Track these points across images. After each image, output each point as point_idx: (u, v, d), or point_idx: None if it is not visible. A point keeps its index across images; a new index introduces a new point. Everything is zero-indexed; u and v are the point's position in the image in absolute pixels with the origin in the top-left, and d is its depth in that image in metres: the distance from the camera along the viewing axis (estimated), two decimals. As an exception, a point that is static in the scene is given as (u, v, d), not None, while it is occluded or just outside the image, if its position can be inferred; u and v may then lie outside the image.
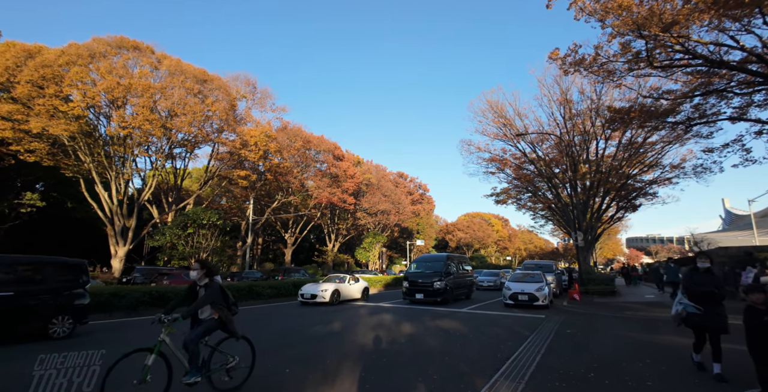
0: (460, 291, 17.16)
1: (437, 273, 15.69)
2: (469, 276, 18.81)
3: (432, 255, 18.21)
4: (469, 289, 18.29)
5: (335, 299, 15.72)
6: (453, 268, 16.77)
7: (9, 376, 5.27)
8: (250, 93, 31.45)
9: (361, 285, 17.87)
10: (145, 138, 23.86)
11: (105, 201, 25.83)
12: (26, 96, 20.83)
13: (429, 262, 17.00)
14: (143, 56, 23.19)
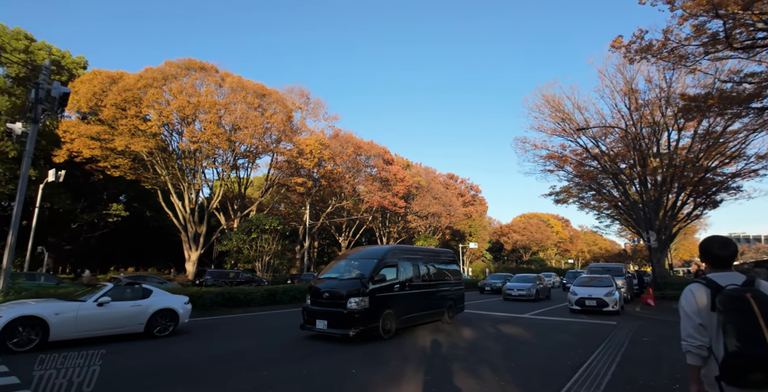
0: (423, 312, 10.10)
1: (357, 282, 8.50)
2: (452, 285, 11.61)
3: (365, 251, 10.47)
4: (454, 303, 11.46)
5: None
6: (402, 272, 9.51)
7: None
8: (304, 104, 32.93)
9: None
10: (212, 151, 25.87)
11: (179, 210, 28.31)
12: (111, 118, 23.52)
13: (356, 261, 9.77)
14: (209, 75, 25.27)
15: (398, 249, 10.05)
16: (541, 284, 20.91)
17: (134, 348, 7.27)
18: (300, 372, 5.68)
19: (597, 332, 9.85)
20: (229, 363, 6.11)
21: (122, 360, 6.28)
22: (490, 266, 58.46)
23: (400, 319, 9.06)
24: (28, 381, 4.91)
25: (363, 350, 7.43)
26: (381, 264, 8.97)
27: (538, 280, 20.84)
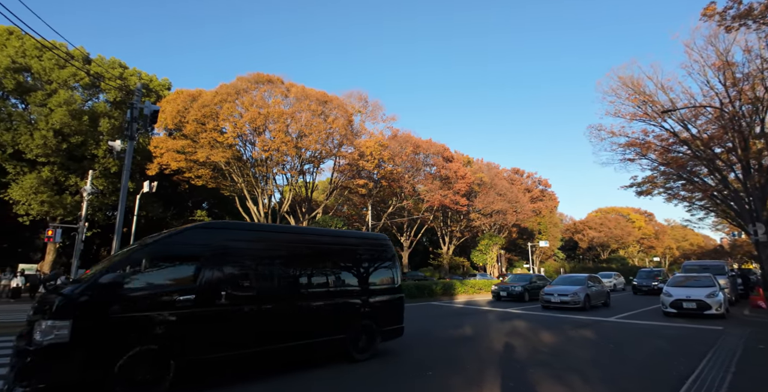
0: (269, 344, 5.54)
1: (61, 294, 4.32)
2: (370, 293, 7.11)
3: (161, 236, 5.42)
4: (375, 324, 7.04)
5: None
6: (212, 271, 5.08)
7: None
8: (363, 107, 33.67)
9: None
10: (281, 158, 27.48)
11: (254, 214, 30.44)
12: (193, 132, 25.97)
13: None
14: (275, 87, 26.93)
15: (213, 227, 5.59)
16: (595, 286, 16.01)
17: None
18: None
19: (700, 338, 8.73)
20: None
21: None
22: (564, 266, 54.90)
23: (182, 361, 4.65)
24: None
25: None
26: (137, 255, 4.74)
27: (591, 282, 16.10)
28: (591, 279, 16.49)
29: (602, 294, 16.37)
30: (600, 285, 16.73)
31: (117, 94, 27.61)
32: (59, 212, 25.52)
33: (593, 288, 15.77)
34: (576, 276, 17.02)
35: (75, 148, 26.00)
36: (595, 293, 15.68)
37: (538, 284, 19.72)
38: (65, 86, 25.94)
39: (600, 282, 17.01)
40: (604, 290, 16.75)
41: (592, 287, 15.72)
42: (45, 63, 25.43)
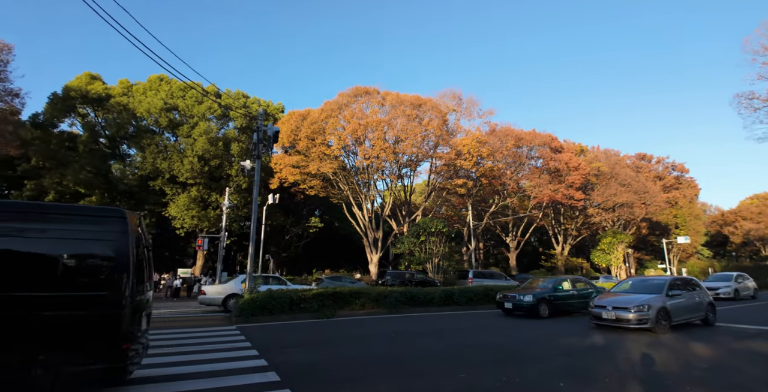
0: None
1: None
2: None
3: None
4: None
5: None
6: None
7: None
8: (457, 105, 33.14)
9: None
10: (380, 164, 28.56)
11: (360, 218, 32.10)
12: (305, 148, 28.50)
13: None
14: (372, 98, 28.24)
15: None
16: (683, 295, 10.57)
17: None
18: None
19: None
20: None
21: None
22: (714, 265, 45.99)
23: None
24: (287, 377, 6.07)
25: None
26: None
27: (677, 288, 10.62)
28: (678, 284, 10.84)
29: (696, 306, 10.69)
30: (696, 291, 11.19)
31: (243, 121, 31.83)
32: (205, 224, 30.26)
33: (679, 297, 10.27)
34: (654, 280, 11.41)
35: (214, 169, 30.65)
36: (682, 305, 10.21)
37: (572, 292, 13.64)
38: (203, 118, 30.80)
39: (698, 288, 11.44)
40: (703, 300, 11.04)
41: (677, 296, 10.25)
42: (188, 101, 30.58)
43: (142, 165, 29.39)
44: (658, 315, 9.41)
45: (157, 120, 29.90)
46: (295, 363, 6.22)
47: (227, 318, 12.26)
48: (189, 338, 8.69)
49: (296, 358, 6.57)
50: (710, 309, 11.05)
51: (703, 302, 10.96)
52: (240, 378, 5.23)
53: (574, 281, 14.39)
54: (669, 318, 9.66)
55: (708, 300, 11.14)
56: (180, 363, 6.11)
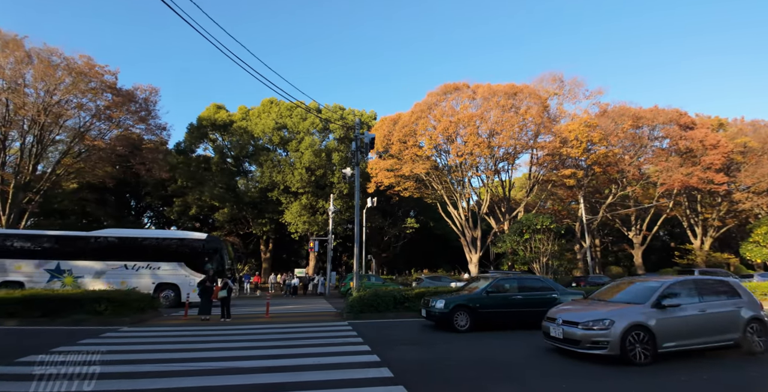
0: None
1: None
2: None
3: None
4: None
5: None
6: None
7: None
8: (559, 88, 30.55)
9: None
10: (474, 160, 27.82)
11: (455, 217, 31.65)
12: (397, 151, 29.27)
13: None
14: (462, 93, 27.75)
15: None
16: (696, 304, 6.62)
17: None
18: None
19: None
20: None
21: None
22: None
23: None
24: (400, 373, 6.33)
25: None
26: None
27: (686, 289, 6.82)
28: (685, 288, 6.84)
29: (719, 323, 6.67)
30: (727, 300, 6.97)
31: (341, 132, 34.17)
32: (314, 228, 33.11)
33: (679, 310, 6.46)
34: (652, 283, 7.11)
35: (319, 178, 33.49)
36: (684, 322, 6.40)
37: (516, 296, 9.75)
38: (307, 133, 33.91)
39: (733, 295, 7.08)
40: (739, 314, 6.85)
41: (676, 308, 6.46)
42: (294, 119, 34.00)
43: (261, 179, 33.58)
44: (627, 337, 5.94)
45: (271, 138, 33.87)
46: (406, 359, 6.43)
47: (339, 314, 13.22)
48: (308, 332, 9.61)
49: (407, 355, 6.78)
50: (757, 328, 6.79)
51: (739, 317, 6.74)
52: (355, 372, 5.58)
53: (523, 281, 10.39)
54: (653, 341, 6.05)
55: (752, 315, 6.82)
56: (301, 356, 6.78)
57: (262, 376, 5.32)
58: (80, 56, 26.15)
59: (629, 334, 5.98)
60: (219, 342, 8.10)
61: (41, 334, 8.75)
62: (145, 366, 5.85)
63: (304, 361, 6.27)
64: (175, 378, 5.21)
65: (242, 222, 38.15)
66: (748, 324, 6.76)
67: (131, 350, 7.14)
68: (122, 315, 10.99)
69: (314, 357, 6.56)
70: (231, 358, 6.49)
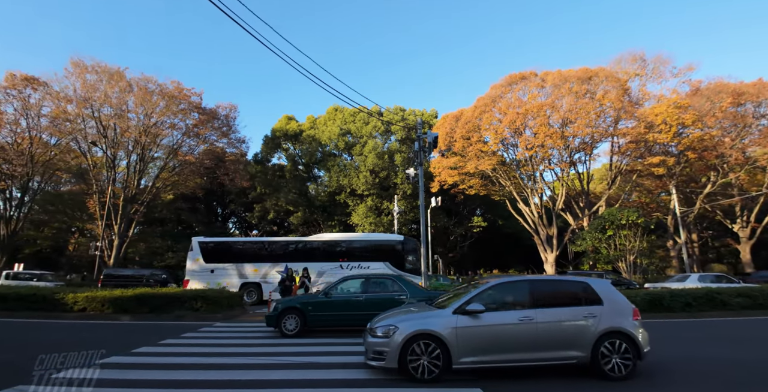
0: None
1: None
2: None
3: None
4: None
5: None
6: None
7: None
8: (641, 68, 27.64)
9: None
10: (546, 153, 26.18)
11: (527, 214, 30.07)
12: (461, 148, 28.63)
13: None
14: (529, 82, 26.32)
15: None
16: (514, 315, 5.12)
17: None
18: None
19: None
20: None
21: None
22: None
23: None
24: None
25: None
26: None
27: (523, 298, 5.36)
28: (502, 290, 5.52)
29: (565, 335, 5.15)
30: (580, 306, 5.28)
31: (402, 133, 34.47)
32: (380, 229, 33.71)
33: (493, 317, 5.11)
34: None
35: (383, 180, 34.10)
36: (493, 333, 5.04)
37: (359, 297, 8.93)
38: (370, 137, 34.74)
39: (593, 300, 5.33)
40: (589, 325, 5.13)
41: (499, 313, 5.20)
42: (357, 124, 35.07)
43: (329, 183, 35.13)
44: (410, 347, 4.97)
45: (336, 144, 35.32)
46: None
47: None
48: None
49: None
50: (617, 345, 5.09)
51: (588, 329, 5.15)
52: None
53: (376, 279, 9.43)
54: (447, 354, 4.96)
55: (609, 328, 5.14)
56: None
57: (340, 372, 5.52)
58: (171, 82, 29.83)
59: (413, 344, 4.96)
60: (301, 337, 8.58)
61: (149, 328, 9.99)
62: (235, 358, 6.40)
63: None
64: (262, 370, 5.63)
65: (314, 225, 40.18)
66: (601, 339, 5.09)
67: (223, 343, 7.84)
68: (215, 312, 12.14)
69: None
70: (309, 353, 6.82)
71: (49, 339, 8.14)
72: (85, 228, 39.52)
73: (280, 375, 5.34)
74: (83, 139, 29.02)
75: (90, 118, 28.18)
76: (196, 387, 4.73)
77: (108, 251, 28.33)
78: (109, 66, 28.40)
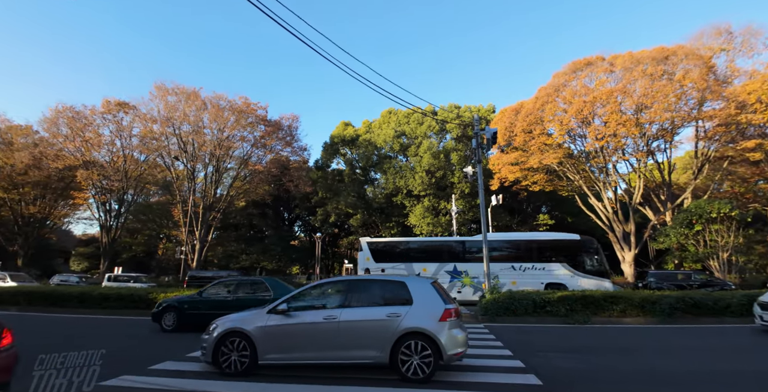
0: None
1: None
2: None
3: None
4: None
5: None
6: None
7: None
8: (726, 43, 24.34)
9: None
10: (619, 142, 24.08)
11: (600, 210, 27.84)
12: (522, 142, 27.33)
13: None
14: (596, 67, 24.37)
15: None
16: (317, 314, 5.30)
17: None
18: None
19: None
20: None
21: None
22: None
23: None
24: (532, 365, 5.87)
25: None
26: None
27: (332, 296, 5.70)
28: (340, 286, 5.88)
29: (366, 335, 5.15)
30: (392, 306, 5.26)
31: (458, 131, 33.89)
32: (438, 229, 33.34)
33: (311, 315, 5.38)
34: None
35: (439, 180, 33.74)
36: (305, 330, 5.29)
37: (227, 297, 9.80)
38: (425, 137, 34.62)
39: (405, 301, 5.30)
40: (392, 327, 5.06)
41: (308, 312, 5.44)
42: (411, 125, 35.16)
43: (386, 185, 35.55)
44: (223, 344, 5.35)
45: (391, 146, 35.69)
46: (553, 367, 5.95)
47: (473, 316, 12.98)
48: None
49: (554, 363, 6.27)
50: (419, 346, 4.97)
51: (389, 329, 5.07)
52: (499, 377, 5.37)
53: (242, 283, 10.18)
54: (254, 352, 5.24)
55: (410, 327, 5.03)
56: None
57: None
58: (239, 97, 32.37)
59: (225, 341, 5.34)
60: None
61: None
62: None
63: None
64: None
65: (373, 227, 40.88)
66: (401, 340, 4.99)
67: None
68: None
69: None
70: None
71: (145, 334, 9.28)
72: (171, 235, 44.15)
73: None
74: (167, 155, 32.46)
75: (172, 136, 31.43)
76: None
77: (191, 255, 31.29)
78: (186, 87, 31.52)
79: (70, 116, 32.26)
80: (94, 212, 36.00)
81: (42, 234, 39.31)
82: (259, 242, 44.58)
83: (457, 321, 5.23)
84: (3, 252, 37.51)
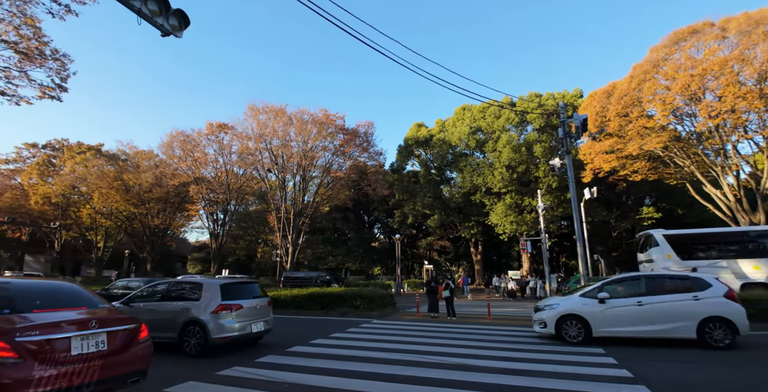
0: None
1: None
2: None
3: None
4: None
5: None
6: None
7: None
8: None
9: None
10: (739, 119, 20.27)
11: (719, 199, 23.71)
12: (617, 128, 24.47)
13: None
14: (703, 35, 20.76)
15: None
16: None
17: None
18: None
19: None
20: None
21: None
22: None
23: None
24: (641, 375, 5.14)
25: None
26: None
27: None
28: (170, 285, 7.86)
29: (171, 319, 7.05)
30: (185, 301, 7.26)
31: (540, 121, 31.68)
32: (523, 228, 31.43)
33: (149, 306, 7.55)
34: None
35: (521, 175, 31.84)
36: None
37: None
38: (503, 130, 32.99)
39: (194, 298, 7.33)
40: (183, 314, 7.00)
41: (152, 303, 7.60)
42: (487, 119, 33.81)
43: (463, 184, 34.65)
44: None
45: (467, 143, 34.72)
46: (668, 380, 5.24)
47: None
48: (532, 336, 9.14)
49: (668, 374, 5.54)
50: (195, 331, 6.71)
51: (178, 317, 6.94)
52: (605, 387, 4.93)
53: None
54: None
55: (192, 317, 6.82)
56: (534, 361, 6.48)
57: (497, 377, 5.36)
58: (320, 110, 34.68)
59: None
60: (450, 338, 8.67)
61: (320, 323, 11.52)
62: (394, 354, 6.85)
63: (539, 367, 5.98)
64: (419, 368, 5.89)
65: (451, 227, 40.12)
66: (185, 325, 6.75)
67: (381, 339, 8.51)
68: (371, 310, 13.29)
69: (553, 365, 6.16)
70: (463, 355, 6.84)
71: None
72: (268, 239, 48.60)
73: (437, 375, 5.48)
74: (261, 168, 35.97)
75: (265, 150, 34.66)
76: (363, 378, 5.25)
77: (285, 257, 34.01)
78: (274, 106, 34.67)
79: (182, 139, 37.45)
80: (204, 222, 41.26)
81: (164, 243, 46.11)
82: (343, 244, 46.83)
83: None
84: (136, 259, 45.06)
